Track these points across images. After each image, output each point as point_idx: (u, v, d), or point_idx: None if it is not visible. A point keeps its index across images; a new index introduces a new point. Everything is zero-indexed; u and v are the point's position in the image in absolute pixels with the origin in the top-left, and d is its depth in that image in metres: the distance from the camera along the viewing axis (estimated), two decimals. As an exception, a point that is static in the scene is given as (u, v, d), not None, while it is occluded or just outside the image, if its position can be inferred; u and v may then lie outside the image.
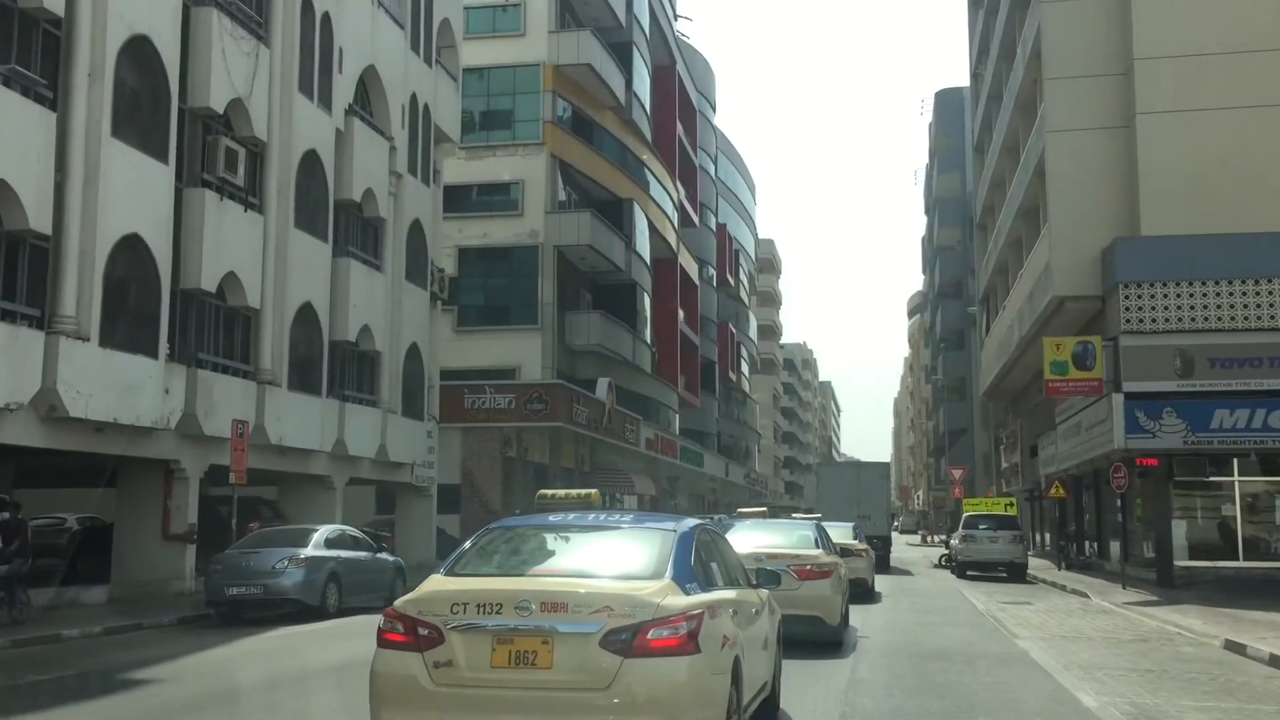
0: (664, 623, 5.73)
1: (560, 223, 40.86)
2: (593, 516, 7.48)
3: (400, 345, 27.36)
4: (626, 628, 5.67)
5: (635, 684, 5.61)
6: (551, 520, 7.36)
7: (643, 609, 5.74)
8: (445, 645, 5.78)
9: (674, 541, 6.56)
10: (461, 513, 35.15)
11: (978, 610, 18.75)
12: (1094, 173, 25.28)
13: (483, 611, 5.80)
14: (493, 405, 35.55)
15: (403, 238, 27.57)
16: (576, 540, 6.89)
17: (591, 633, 5.67)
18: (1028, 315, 29.37)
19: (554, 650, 5.69)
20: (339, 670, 11.58)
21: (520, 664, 5.71)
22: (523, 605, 5.76)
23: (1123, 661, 12.04)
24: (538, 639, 5.71)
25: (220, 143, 19.80)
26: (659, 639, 5.68)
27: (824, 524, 16.95)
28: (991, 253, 39.50)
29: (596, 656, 5.64)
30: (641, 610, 5.74)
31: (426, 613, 5.89)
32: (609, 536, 6.90)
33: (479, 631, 5.77)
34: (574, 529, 7.06)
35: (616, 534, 6.91)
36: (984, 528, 28.85)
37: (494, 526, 7.18)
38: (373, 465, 26.48)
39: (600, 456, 45.85)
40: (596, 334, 42.62)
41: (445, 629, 5.79)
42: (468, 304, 40.78)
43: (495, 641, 5.75)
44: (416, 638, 5.84)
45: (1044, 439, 33.64)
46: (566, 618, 5.73)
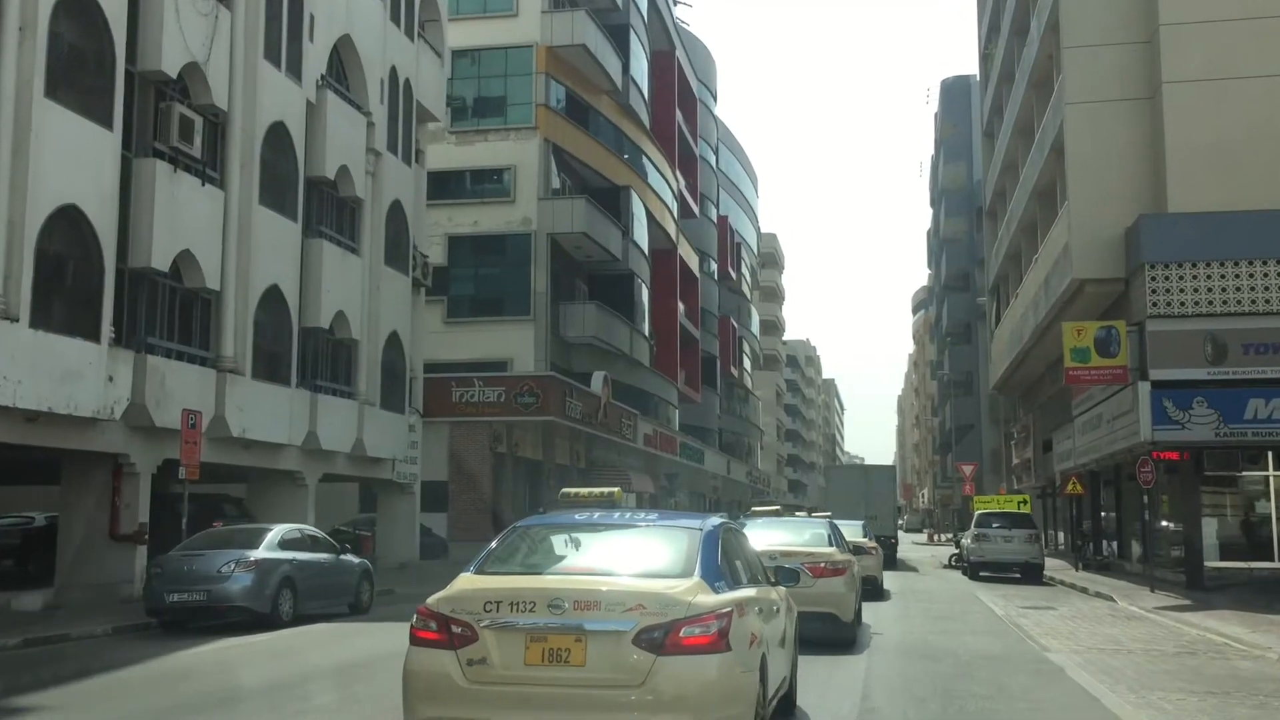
0: (696, 621, 5.77)
1: (554, 210, 39.31)
2: (617, 515, 7.47)
3: (379, 333, 25.81)
4: (659, 626, 5.71)
5: (668, 681, 5.65)
6: (577, 519, 7.37)
7: (674, 607, 5.80)
8: (479, 643, 5.82)
9: (700, 540, 6.58)
10: (449, 511, 33.63)
11: (997, 616, 17.19)
12: (1116, 147, 23.68)
13: (516, 610, 5.84)
14: (482, 399, 34.00)
15: (381, 219, 26.01)
16: (604, 539, 6.96)
17: (625, 631, 5.71)
18: (1043, 302, 27.78)
19: (587, 648, 5.74)
20: (270, 692, 10.02)
21: (554, 662, 5.76)
22: (556, 604, 5.81)
23: (1176, 680, 10.46)
24: (571, 637, 5.76)
25: (174, 110, 18.25)
26: (691, 637, 5.73)
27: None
28: (1002, 239, 37.89)
29: (630, 654, 5.69)
30: (673, 608, 5.79)
31: (459, 611, 5.92)
32: (635, 535, 6.95)
33: (513, 630, 5.81)
34: (600, 527, 7.10)
35: (643, 532, 6.96)
36: (997, 526, 27.26)
37: (520, 525, 7.19)
38: (349, 460, 24.94)
39: (596, 453, 44.30)
40: (592, 325, 41.08)
41: (479, 627, 5.83)
42: (458, 294, 39.28)
43: (529, 639, 5.80)
44: (450, 635, 5.88)
45: (1059, 433, 32.04)
46: (599, 616, 5.77)
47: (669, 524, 7.05)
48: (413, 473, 28.67)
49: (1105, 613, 17.91)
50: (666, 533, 6.85)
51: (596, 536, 6.99)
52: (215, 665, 11.82)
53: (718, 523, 7.15)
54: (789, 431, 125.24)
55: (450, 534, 33.32)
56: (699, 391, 62.04)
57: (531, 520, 7.62)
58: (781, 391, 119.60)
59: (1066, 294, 24.69)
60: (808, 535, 14.32)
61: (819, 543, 13.92)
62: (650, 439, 46.93)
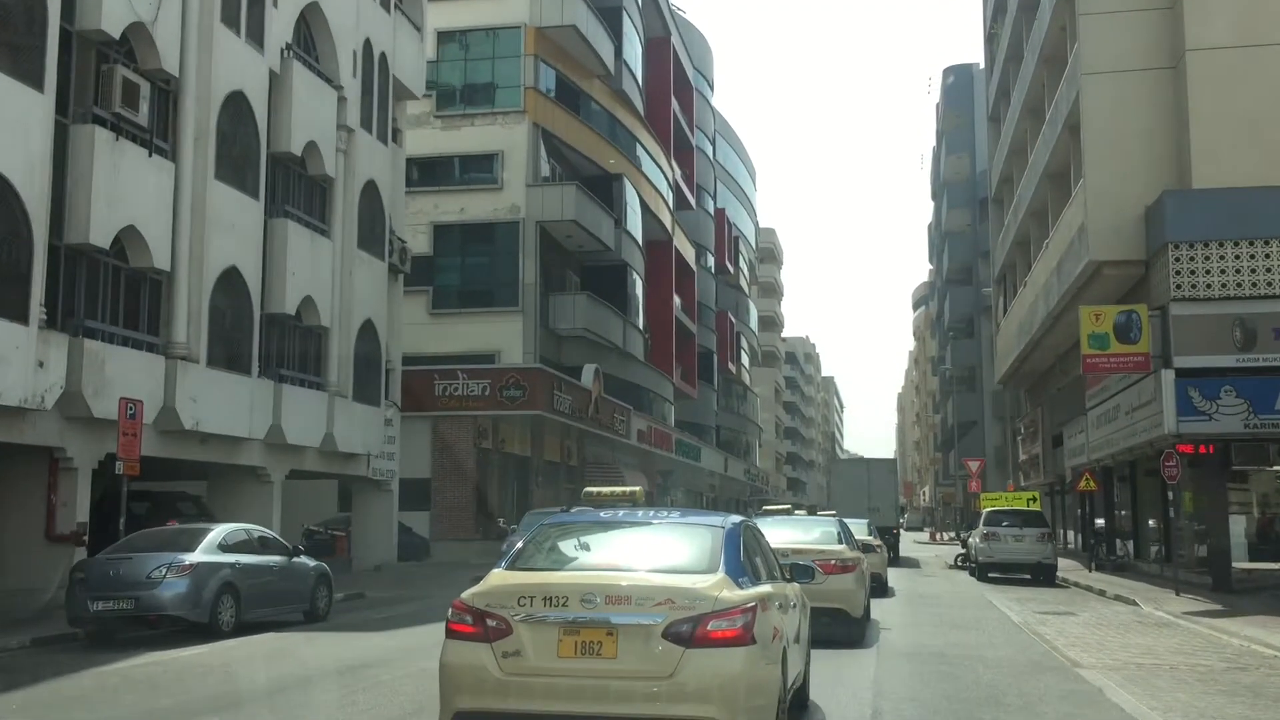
0: (722, 615, 5.94)
1: (543, 197, 37.80)
2: (641, 513, 7.60)
3: (352, 321, 24.31)
4: (688, 619, 5.87)
5: (697, 673, 5.81)
6: (603, 516, 7.56)
7: (702, 601, 5.97)
8: (513, 636, 5.97)
9: (723, 537, 6.74)
10: (432, 509, 32.16)
11: (1014, 623, 15.70)
12: (1136, 120, 22.20)
13: (549, 604, 6.01)
14: (465, 392, 32.51)
15: (354, 200, 24.49)
16: (629, 536, 7.13)
17: (654, 624, 5.87)
18: (1055, 288, 26.30)
19: (618, 641, 5.90)
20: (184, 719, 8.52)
21: (586, 654, 5.91)
22: (588, 598, 5.97)
23: (1235, 704, 8.99)
24: (603, 630, 5.91)
25: (116, 73, 16.73)
26: (718, 630, 5.89)
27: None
28: (1010, 226, 36.40)
29: (659, 647, 5.85)
30: (701, 603, 5.96)
31: (494, 605, 6.07)
32: (660, 532, 7.12)
33: (546, 623, 5.97)
34: (625, 525, 7.27)
35: (667, 530, 7.15)
36: (1007, 525, 25.76)
37: (548, 523, 7.33)
38: (319, 456, 23.43)
39: (588, 449, 42.81)
40: (583, 317, 39.57)
41: (513, 621, 5.99)
42: (444, 285, 37.78)
43: (562, 633, 5.95)
44: (485, 629, 6.03)
45: (1070, 427, 30.56)
46: (630, 610, 5.93)
47: (692, 522, 7.24)
48: (390, 469, 27.17)
49: (1130, 619, 16.43)
50: (690, 530, 7.01)
51: (622, 534, 7.19)
52: (125, 686, 10.31)
53: (738, 520, 7.28)
54: (788, 429, 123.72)
55: (433, 533, 31.86)
56: (695, 387, 60.56)
57: (558, 518, 7.78)
58: (780, 388, 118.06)
59: (1082, 278, 23.22)
60: (818, 533, 14.67)
61: (829, 540, 14.22)
62: (644, 435, 45.44)
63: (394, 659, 11.75)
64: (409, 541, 30.47)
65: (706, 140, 69.48)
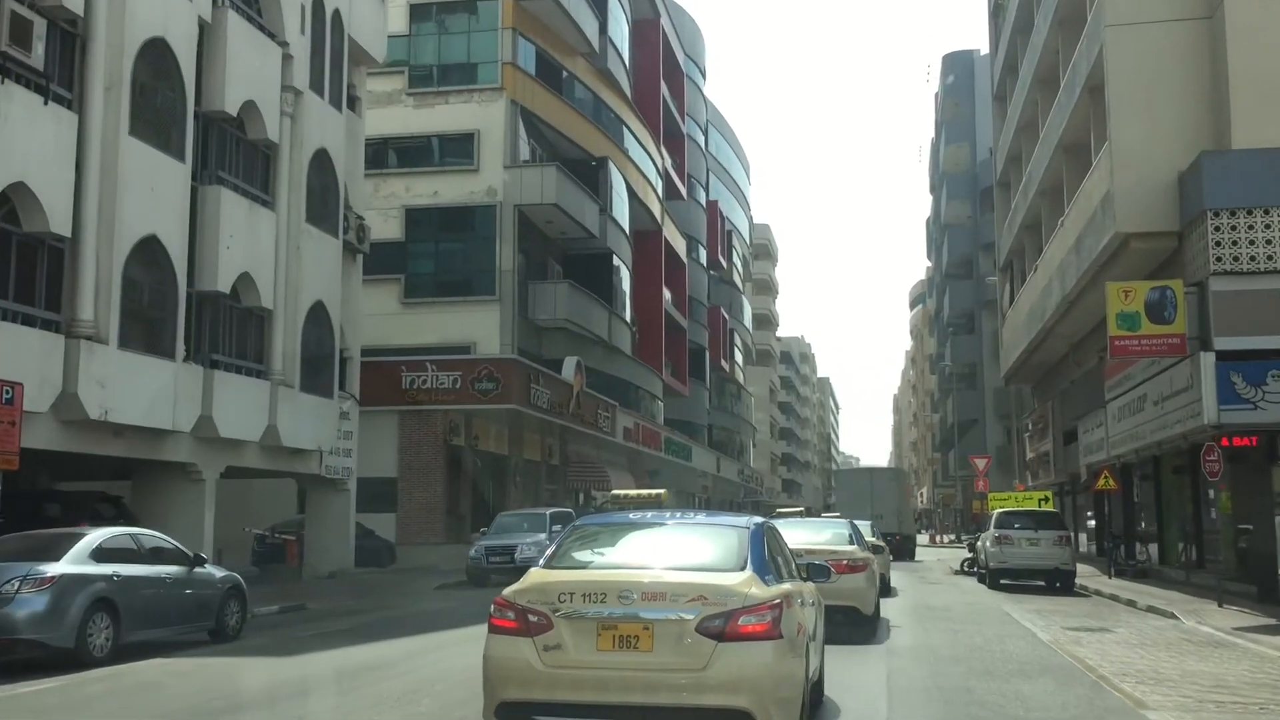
0: (752, 610, 6.20)
1: (522, 179, 35.53)
2: (668, 515, 8.12)
3: (299, 303, 22.00)
4: (720, 614, 6.13)
5: (728, 665, 6.07)
6: (632, 518, 8.18)
7: (733, 598, 6.23)
8: (554, 631, 6.22)
9: (749, 537, 7.02)
10: (399, 511, 29.87)
11: (1043, 643, 13.41)
12: (1167, 75, 19.96)
13: (588, 601, 6.26)
14: (435, 385, 30.23)
15: (303, 170, 22.20)
16: (660, 536, 7.41)
17: (688, 619, 6.13)
18: (1073, 268, 24.05)
19: (654, 635, 6.14)
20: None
21: (624, 648, 6.16)
22: (624, 595, 6.23)
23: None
24: (639, 625, 6.16)
25: (3, 7, 14.46)
26: (748, 625, 6.16)
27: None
28: (1018, 209, 34.16)
29: (693, 641, 6.10)
30: (732, 599, 6.22)
31: (535, 602, 6.33)
32: (688, 532, 7.44)
33: (586, 619, 6.22)
34: (655, 526, 7.63)
35: (695, 530, 7.49)
36: (1021, 527, 23.47)
37: (580, 524, 7.71)
38: (261, 452, 21.14)
39: (571, 447, 40.54)
40: (565, 307, 37.30)
41: (554, 616, 6.23)
42: (417, 272, 35.58)
43: (600, 628, 6.20)
44: (527, 624, 6.27)
45: (1086, 421, 28.30)
46: (665, 606, 6.19)
47: (717, 523, 7.55)
48: (346, 467, 24.88)
49: (1176, 636, 14.16)
50: (716, 531, 7.27)
51: (652, 534, 7.45)
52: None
53: (760, 521, 7.54)
54: (783, 430, 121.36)
55: (399, 537, 29.57)
56: (686, 384, 58.29)
57: (590, 519, 8.22)
58: (775, 388, 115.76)
59: (1105, 254, 20.97)
60: (830, 534, 15.02)
61: (840, 541, 14.59)
62: (631, 433, 43.15)
63: (288, 694, 9.48)
64: (372, 546, 28.20)
65: (698, 129, 67.25)
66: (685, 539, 7.29)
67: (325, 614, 17.49)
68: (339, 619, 16.58)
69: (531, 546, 24.81)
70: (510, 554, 24.64)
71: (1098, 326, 25.75)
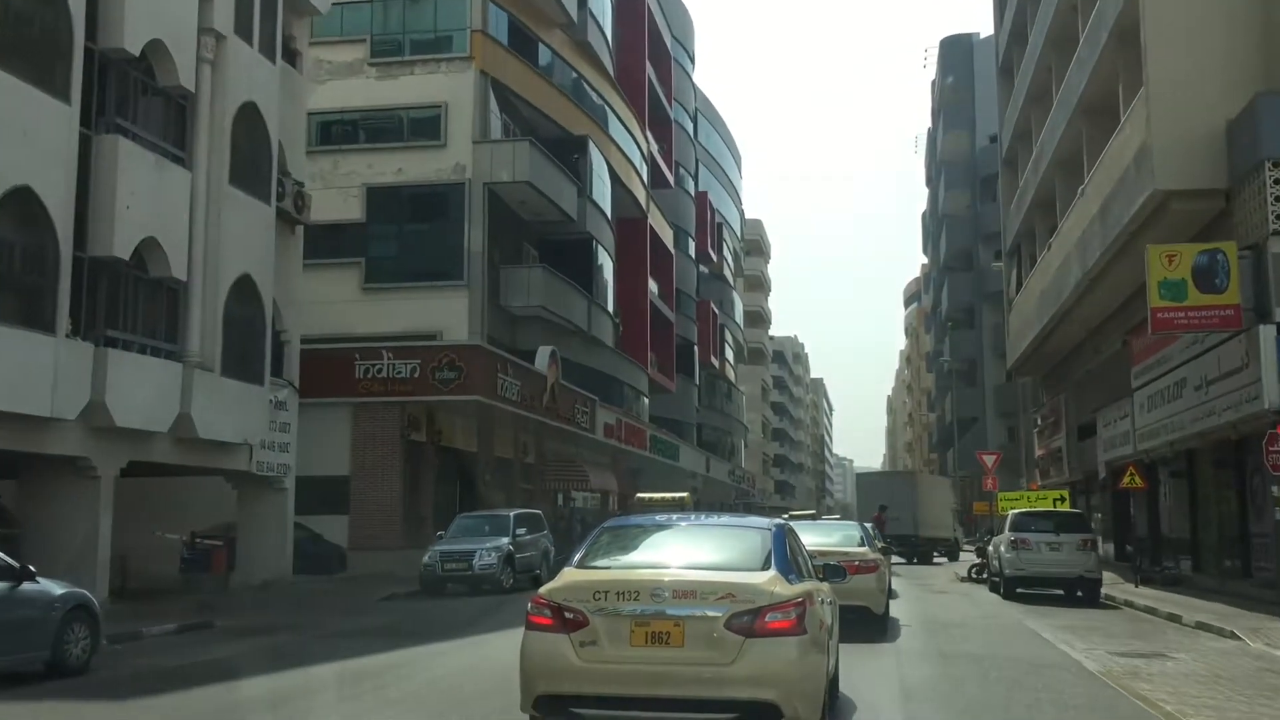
0: (778, 607, 6.44)
1: (492, 155, 32.86)
2: (694, 516, 8.70)
3: (221, 275, 19.28)
4: (748, 611, 6.37)
5: (756, 660, 6.31)
6: (659, 519, 8.24)
7: (760, 596, 6.47)
8: (589, 628, 6.45)
9: (771, 538, 7.23)
10: (351, 513, 27.14)
11: (1094, 676, 10.74)
12: (1210, 11, 17.38)
13: (622, 599, 6.49)
14: (391, 374, 27.51)
15: (226, 125, 19.49)
16: (686, 536, 7.69)
17: (718, 616, 6.37)
18: (1096, 240, 21.45)
19: (685, 631, 6.39)
20: None
21: (656, 643, 6.40)
22: (657, 593, 6.47)
23: None
24: (671, 622, 6.40)
25: None
26: (775, 621, 6.39)
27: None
28: (1028, 185, 31.57)
29: (722, 637, 6.34)
30: (759, 597, 6.46)
31: (571, 600, 6.56)
32: (714, 534, 7.73)
33: (620, 616, 6.45)
34: (681, 527, 7.92)
35: (720, 531, 7.79)
36: (1041, 530, 20.85)
37: (608, 525, 7.99)
38: (173, 445, 18.45)
39: (550, 445, 37.85)
40: (539, 293, 34.63)
41: (589, 614, 6.47)
42: (379, 256, 32.91)
43: (634, 624, 6.43)
44: (563, 621, 6.51)
45: (1107, 413, 25.70)
46: (696, 603, 6.43)
47: (740, 524, 7.97)
48: (283, 463, 22.20)
49: (1254, 666, 11.52)
50: (740, 532, 7.60)
51: (679, 535, 7.74)
52: None
53: (780, 523, 7.85)
54: (776, 430, 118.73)
55: (352, 541, 26.85)
56: (674, 380, 55.61)
57: (618, 521, 8.46)
58: (768, 388, 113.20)
59: (1139, 218, 18.38)
60: (840, 536, 15.20)
61: (851, 543, 14.80)
62: (612, 429, 40.44)
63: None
64: (320, 552, 25.52)
65: (686, 116, 64.60)
66: (711, 539, 7.57)
67: (231, 634, 14.84)
68: (242, 641, 13.93)
69: (491, 553, 22.20)
70: (468, 560, 22.02)
71: (1123, 306, 23.20)
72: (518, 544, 23.21)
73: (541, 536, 24.91)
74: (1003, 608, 18.94)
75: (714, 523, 8.06)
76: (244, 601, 18.99)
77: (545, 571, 24.90)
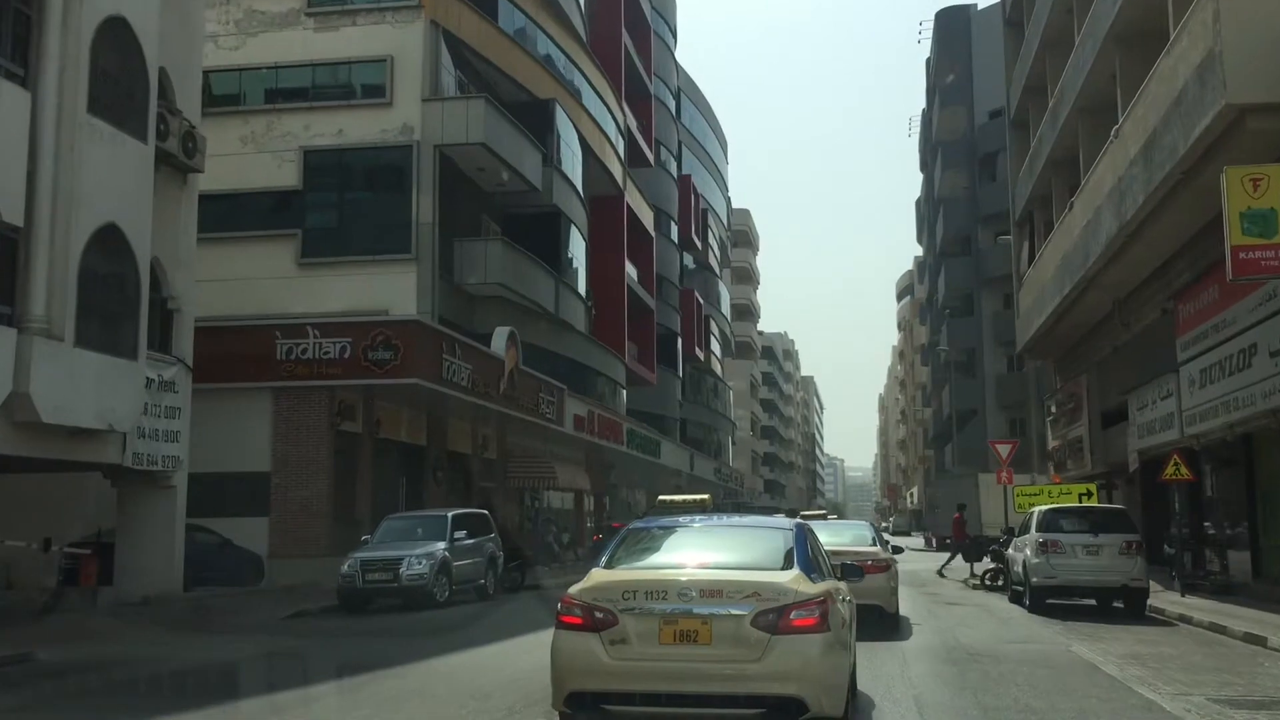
0: (803, 605, 6.64)
1: (444, 114, 29.33)
2: (716, 518, 9.11)
3: (75, 223, 15.62)
4: (773, 609, 6.59)
5: (782, 656, 6.51)
6: (682, 521, 8.44)
7: (785, 594, 6.68)
8: (619, 626, 6.69)
9: (793, 539, 7.51)
10: (271, 515, 23.58)
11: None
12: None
13: (651, 598, 6.72)
14: (318, 354, 23.96)
15: (84, 42, 15.88)
16: (710, 537, 8.01)
17: (744, 614, 6.59)
18: (1138, 184, 17.98)
19: (712, 629, 6.59)
20: None
21: (684, 641, 6.61)
22: (684, 592, 6.71)
23: None
24: (699, 620, 6.61)
25: None
26: (799, 619, 6.59)
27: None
28: (1043, 142, 28.12)
29: (749, 634, 6.55)
30: (784, 595, 6.67)
31: (601, 599, 6.82)
32: (736, 534, 8.06)
33: (649, 615, 6.68)
34: (704, 528, 8.23)
35: (742, 532, 8.10)
36: (1075, 530, 17.43)
37: (634, 527, 8.30)
38: (11, 431, 14.84)
39: (513, 439, 34.35)
40: (498, 269, 31.10)
41: (619, 613, 6.71)
42: (317, 227, 29.37)
43: (662, 623, 6.65)
44: (593, 620, 6.74)
45: (1141, 394, 22.23)
46: (722, 602, 6.64)
47: (761, 525, 8.24)
48: (171, 455, 18.60)
49: None
50: (762, 533, 7.85)
51: (703, 536, 8.03)
52: None
53: (799, 524, 8.00)
54: (765, 428, 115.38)
55: (273, 547, 23.31)
56: (654, 372, 52.15)
57: (643, 523, 8.65)
58: (757, 384, 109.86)
59: (1203, 143, 14.91)
60: (851, 536, 15.76)
61: (863, 543, 15.36)
62: (583, 422, 36.90)
63: None
64: (231, 561, 22.07)
65: (668, 93, 61.15)
66: (734, 540, 7.85)
67: (50, 671, 11.39)
68: (21, 689, 10.40)
69: (423, 560, 18.71)
70: (393, 569, 18.53)
71: (1165, 266, 19.81)
72: (455, 550, 19.70)
73: (486, 541, 21.40)
74: (1035, 626, 15.47)
75: (736, 523, 8.52)
76: (101, 624, 15.44)
77: (491, 582, 21.44)
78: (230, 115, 29.24)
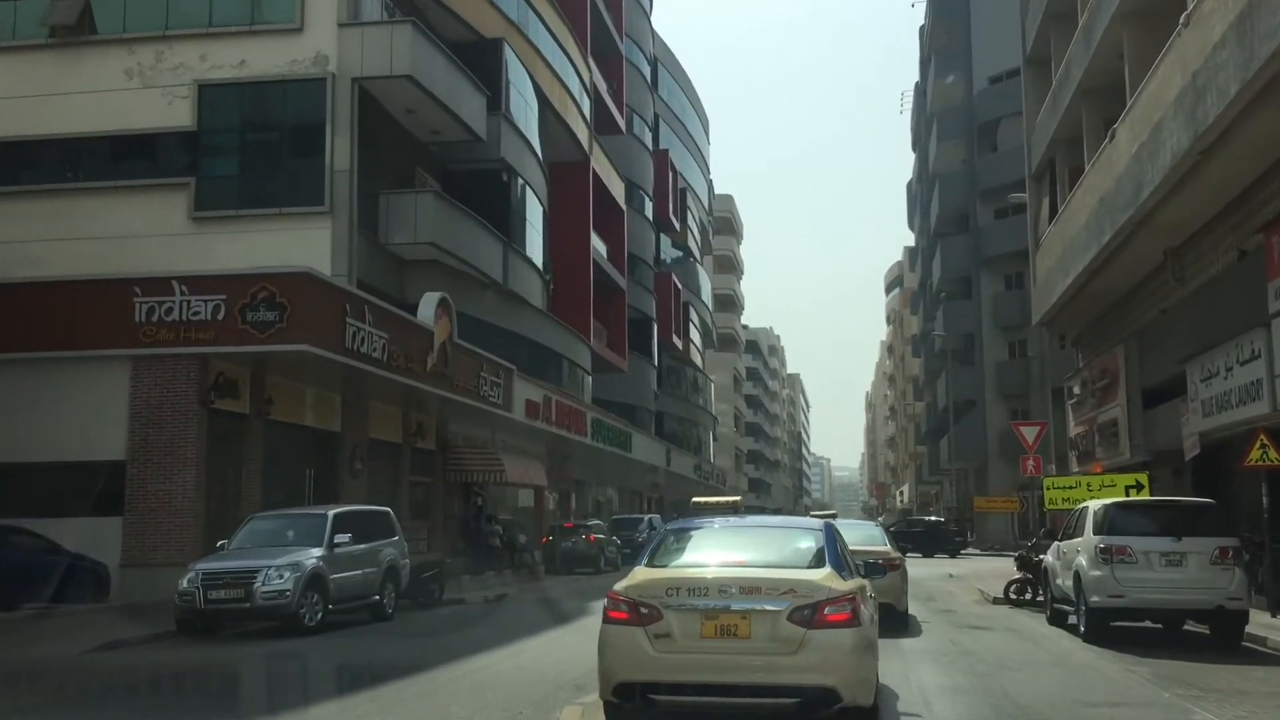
0: (836, 601, 7.07)
1: (364, 42, 24.82)
2: (749, 519, 10.03)
3: None
4: (808, 605, 7.03)
5: (817, 649, 6.96)
6: (717, 522, 9.01)
7: (819, 591, 7.13)
8: (663, 621, 7.14)
9: (823, 538, 7.95)
10: (127, 514, 18.92)
11: None
12: None
13: (693, 594, 7.20)
14: (186, 316, 19.28)
15: None
16: (746, 537, 8.49)
17: (781, 610, 7.03)
18: (1232, 62, 13.49)
19: (752, 624, 7.06)
20: None
21: (725, 635, 7.08)
22: (725, 589, 7.20)
23: None
24: (739, 615, 7.08)
25: None
26: (833, 614, 7.02)
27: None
28: (1073, 66, 23.61)
29: (785, 629, 7.00)
30: (818, 592, 7.12)
31: (646, 595, 7.27)
32: (770, 534, 8.59)
33: (692, 610, 7.14)
34: (739, 528, 8.89)
35: (775, 532, 8.64)
36: (1148, 531, 12.98)
37: (672, 527, 8.85)
38: None
39: (455, 427, 29.79)
40: (429, 227, 26.62)
41: (663, 608, 7.17)
42: (214, 175, 25.00)
43: (704, 618, 7.11)
44: (638, 615, 7.21)
45: (1209, 360, 17.68)
46: (761, 598, 7.12)
47: (792, 525, 8.87)
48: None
49: None
50: (795, 533, 8.35)
51: (739, 535, 8.56)
52: None
53: (827, 524, 8.37)
54: (750, 425, 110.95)
55: (127, 554, 18.68)
56: (626, 358, 47.62)
57: (680, 524, 9.35)
58: (740, 378, 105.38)
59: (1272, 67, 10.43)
60: (863, 535, 15.66)
61: (875, 542, 15.42)
62: (536, 408, 32.30)
63: None
64: (71, 572, 17.38)
65: (643, 58, 56.65)
66: (769, 539, 8.36)
67: None
68: None
69: (285, 572, 14.19)
70: (247, 585, 13.99)
71: (1250, 190, 15.39)
72: (335, 559, 15.16)
73: (385, 546, 16.85)
74: (1108, 668, 10.95)
75: (768, 524, 9.52)
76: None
77: (391, 599, 16.90)
78: (112, 44, 24.95)
